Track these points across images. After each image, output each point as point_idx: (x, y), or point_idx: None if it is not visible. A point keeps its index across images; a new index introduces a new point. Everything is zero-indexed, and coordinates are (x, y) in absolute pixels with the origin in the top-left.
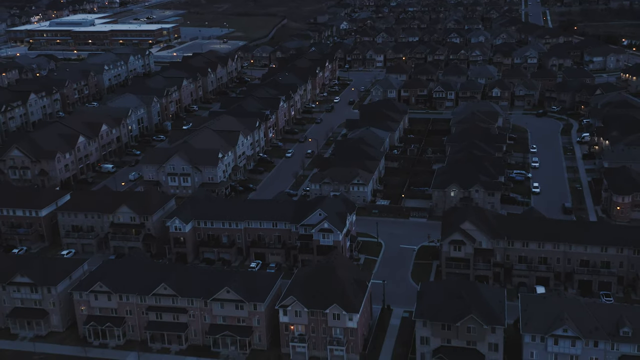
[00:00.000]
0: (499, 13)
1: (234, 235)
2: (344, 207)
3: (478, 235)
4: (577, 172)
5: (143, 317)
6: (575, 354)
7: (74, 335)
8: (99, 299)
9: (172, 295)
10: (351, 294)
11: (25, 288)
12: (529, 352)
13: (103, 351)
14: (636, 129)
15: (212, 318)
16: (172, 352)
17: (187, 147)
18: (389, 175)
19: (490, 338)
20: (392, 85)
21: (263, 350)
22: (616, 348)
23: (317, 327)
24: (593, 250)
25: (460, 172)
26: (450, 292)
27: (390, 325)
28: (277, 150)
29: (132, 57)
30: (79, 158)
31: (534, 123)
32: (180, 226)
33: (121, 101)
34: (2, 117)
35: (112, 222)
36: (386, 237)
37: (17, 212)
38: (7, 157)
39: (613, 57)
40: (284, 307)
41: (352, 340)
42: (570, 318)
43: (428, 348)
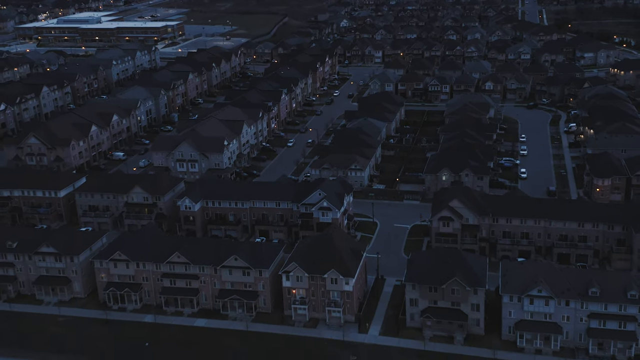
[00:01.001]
0: (496, 11)
1: (240, 214)
2: (341, 189)
3: (465, 212)
4: (563, 159)
5: (158, 283)
6: (549, 312)
7: (95, 301)
8: (118, 267)
9: (184, 263)
10: (347, 261)
11: (50, 257)
12: (507, 312)
13: (122, 314)
14: (619, 118)
15: (221, 284)
16: (184, 314)
17: (194, 135)
18: (385, 162)
19: (472, 299)
20: (390, 79)
21: (267, 312)
22: (585, 307)
23: (316, 291)
24: (571, 225)
25: (451, 157)
26: (436, 259)
27: (383, 293)
28: (279, 140)
29: (139, 53)
30: (92, 146)
31: (524, 114)
32: (190, 205)
33: (130, 93)
34: (17, 108)
35: (127, 202)
36: (381, 217)
37: (37, 193)
38: (24, 145)
39: (604, 53)
40: (287, 273)
41: (348, 303)
42: (545, 281)
43: (417, 309)
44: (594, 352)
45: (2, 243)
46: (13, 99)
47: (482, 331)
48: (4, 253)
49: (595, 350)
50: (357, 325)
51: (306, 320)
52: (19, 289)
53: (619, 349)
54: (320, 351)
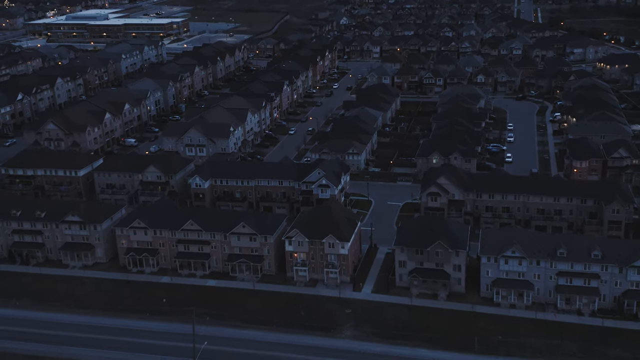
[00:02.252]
0: (492, 10)
1: (246, 191)
2: (339, 168)
3: (452, 188)
4: (547, 146)
5: (173, 249)
6: (522, 271)
7: (116, 265)
8: (137, 234)
9: (197, 230)
10: (343, 228)
11: (75, 226)
12: (485, 271)
13: (140, 276)
14: (600, 107)
15: (230, 249)
16: (197, 276)
17: (202, 121)
18: (380, 148)
19: (454, 260)
20: (387, 73)
21: (272, 274)
22: (554, 266)
23: (315, 254)
24: (547, 200)
25: (441, 142)
26: (423, 225)
27: (375, 259)
28: (281, 129)
29: (147, 48)
30: (106, 132)
31: (513, 105)
32: (200, 183)
33: (140, 84)
34: (33, 98)
35: (141, 181)
36: (376, 196)
37: (58, 172)
38: (43, 130)
39: (592, 49)
40: (289, 238)
41: (344, 265)
42: (518, 243)
43: (405, 270)
44: (562, 306)
45: (32, 213)
46: (29, 89)
47: (463, 289)
48: (34, 222)
49: (562, 304)
50: (352, 285)
51: (306, 281)
52: (47, 254)
53: (584, 303)
54: (319, 306)
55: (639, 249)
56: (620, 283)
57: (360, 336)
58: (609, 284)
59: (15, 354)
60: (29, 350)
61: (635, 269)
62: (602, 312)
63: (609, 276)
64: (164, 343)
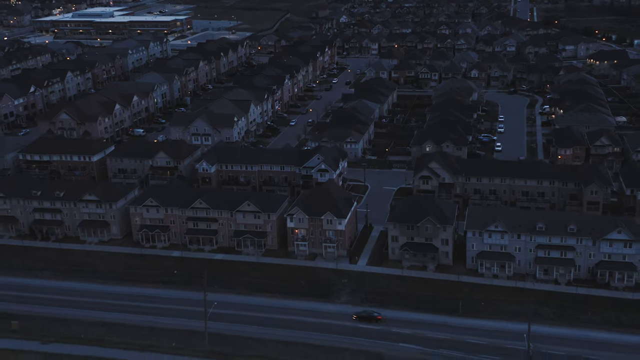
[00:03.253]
0: (488, 9)
1: (250, 176)
2: (337, 155)
3: (442, 172)
4: (535, 136)
5: (183, 225)
6: (504, 244)
7: (130, 241)
8: (149, 212)
9: (205, 208)
10: (341, 206)
11: (92, 204)
12: (470, 244)
13: (153, 251)
14: (586, 100)
15: (236, 225)
16: (205, 251)
17: (208, 112)
18: (377, 138)
19: (442, 235)
20: (384, 68)
21: (274, 249)
22: (533, 239)
23: (315, 230)
24: (531, 183)
25: (434, 131)
26: (414, 203)
27: (370, 236)
28: (282, 120)
29: (152, 44)
30: (116, 123)
31: (504, 99)
32: (207, 168)
33: (147, 78)
34: (45, 91)
35: (152, 166)
36: (372, 182)
37: (73, 158)
38: (56, 120)
39: (583, 46)
40: (290, 216)
41: (341, 240)
42: (501, 219)
43: (397, 244)
44: (540, 276)
45: (51, 193)
46: (41, 82)
47: (450, 262)
48: (53, 201)
49: (541, 275)
50: (348, 258)
51: (306, 255)
52: (65, 231)
53: (561, 274)
54: (318, 277)
55: (611, 223)
56: (593, 255)
57: (354, 301)
58: (583, 256)
59: (44, 317)
60: (54, 314)
61: (608, 242)
62: (577, 282)
63: (583, 248)
64: (176, 307)
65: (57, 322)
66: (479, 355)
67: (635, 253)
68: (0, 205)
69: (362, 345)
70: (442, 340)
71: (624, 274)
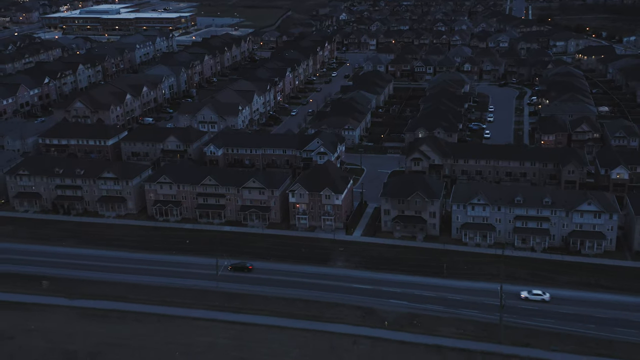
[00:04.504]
0: (485, 7)
1: (254, 158)
2: (335, 139)
3: (432, 154)
4: (522, 124)
5: (194, 201)
6: (486, 216)
7: (144, 215)
8: (163, 188)
9: (214, 184)
10: (338, 183)
11: (110, 182)
12: (455, 217)
13: (166, 224)
14: (570, 90)
15: (242, 200)
16: (214, 224)
17: (214, 101)
18: (374, 127)
19: (430, 208)
20: (381, 62)
21: (277, 222)
22: (512, 211)
23: (314, 205)
24: (514, 164)
25: (427, 119)
26: (404, 180)
27: (365, 212)
28: (284, 110)
29: (159, 39)
30: (126, 111)
31: (495, 91)
32: (214, 151)
33: (155, 70)
34: (58, 82)
35: (163, 149)
36: (368, 165)
37: (89, 142)
38: (71, 108)
39: (573, 42)
40: (292, 191)
41: (338, 213)
42: (483, 193)
43: (389, 217)
44: (519, 245)
45: (72, 171)
46: (55, 74)
47: (437, 232)
48: (74, 178)
49: (519, 243)
50: (345, 230)
51: (307, 227)
52: (85, 206)
53: (537, 242)
54: (317, 245)
55: (582, 197)
56: (566, 225)
57: (350, 266)
58: (557, 226)
59: (69, 279)
60: (78, 276)
61: (579, 213)
62: (551, 249)
63: (557, 219)
64: (188, 270)
65: (82, 283)
66: (460, 309)
67: (604, 223)
68: (25, 182)
69: (355, 301)
70: (427, 297)
71: (593, 242)
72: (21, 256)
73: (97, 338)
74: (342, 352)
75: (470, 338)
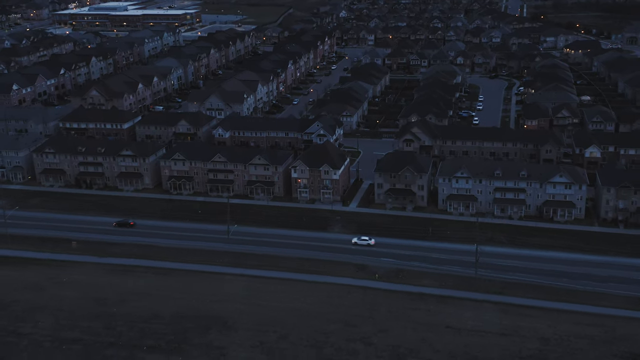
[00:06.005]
0: (480, 5)
1: (259, 141)
2: (334, 123)
3: (422, 136)
4: (509, 112)
5: (205, 176)
6: (468, 187)
7: (159, 189)
8: (176, 165)
9: (223, 161)
10: (336, 160)
11: (128, 159)
12: (441, 189)
13: (180, 197)
14: (554, 80)
15: (249, 176)
16: (223, 197)
17: (220, 89)
18: (370, 114)
19: (419, 182)
20: (379, 55)
21: (281, 196)
22: (492, 183)
23: (314, 179)
24: (497, 145)
25: (419, 106)
26: (396, 156)
27: (360, 188)
28: (286, 100)
29: (166, 34)
30: (138, 100)
31: (486, 83)
32: (222, 133)
33: (164, 62)
34: (73, 73)
35: (174, 132)
36: (364, 148)
37: (106, 126)
38: (87, 96)
39: (563, 37)
40: (294, 167)
41: (336, 187)
42: (466, 167)
43: (382, 190)
44: (498, 213)
45: (94, 149)
46: (70, 66)
47: (425, 204)
48: (95, 156)
49: (498, 212)
50: (342, 202)
51: (307, 199)
52: (105, 181)
53: (514, 211)
54: (316, 215)
55: (554, 170)
56: (540, 195)
57: (346, 232)
58: (532, 196)
59: (96, 241)
60: (104, 239)
61: (552, 185)
62: (527, 217)
63: (532, 190)
64: (201, 235)
65: (107, 245)
66: (442, 265)
67: (574, 193)
68: (51, 160)
69: (350, 260)
70: (413, 256)
71: (564, 210)
72: (50, 223)
73: (124, 288)
74: (339, 299)
75: (449, 288)
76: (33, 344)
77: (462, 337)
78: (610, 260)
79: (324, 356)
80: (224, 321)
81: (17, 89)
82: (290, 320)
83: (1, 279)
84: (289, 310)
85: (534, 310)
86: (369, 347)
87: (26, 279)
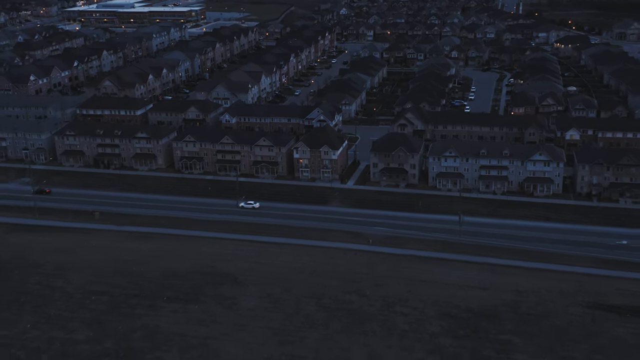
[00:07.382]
0: (477, 3)
1: (263, 126)
2: (334, 109)
3: (416, 121)
4: (499, 101)
5: (214, 157)
6: (456, 166)
7: (172, 169)
8: (187, 146)
9: (231, 143)
10: (335, 141)
11: (143, 141)
12: (431, 167)
13: (190, 176)
14: (542, 72)
15: (254, 156)
16: (231, 176)
17: (226, 80)
18: (368, 104)
19: (411, 161)
20: (377, 49)
21: (284, 175)
22: (477, 162)
23: (315, 159)
24: (484, 129)
25: (414, 95)
26: (390, 138)
27: (357, 169)
28: (288, 91)
29: (173, 29)
30: (149, 90)
31: (479, 75)
32: (229, 119)
33: (172, 55)
34: (85, 66)
35: (184, 118)
36: (361, 134)
37: (121, 112)
38: (101, 86)
39: (554, 33)
40: (296, 148)
41: (335, 167)
42: (454, 147)
43: (377, 169)
44: (483, 189)
45: (111, 132)
46: (82, 58)
47: (416, 181)
48: (113, 138)
49: (483, 188)
50: (340, 180)
51: (308, 178)
52: (122, 162)
53: (498, 187)
54: (317, 192)
55: (535, 149)
56: (522, 172)
57: (343, 205)
58: (514, 173)
59: (115, 213)
60: (122, 211)
61: (532, 162)
62: (510, 193)
63: (514, 168)
64: (212, 207)
65: (126, 216)
66: (430, 233)
67: (552, 170)
68: (71, 142)
69: (347, 228)
70: (404, 225)
71: (544, 186)
72: (74, 197)
73: (143, 252)
74: (338, 259)
75: (438, 251)
76: (66, 295)
77: (447, 290)
78: (583, 229)
79: (322, 304)
80: (234, 277)
81: (34, 80)
82: (294, 277)
83: (34, 244)
84: (293, 268)
85: (512, 269)
86: (363, 298)
87: (57, 244)
